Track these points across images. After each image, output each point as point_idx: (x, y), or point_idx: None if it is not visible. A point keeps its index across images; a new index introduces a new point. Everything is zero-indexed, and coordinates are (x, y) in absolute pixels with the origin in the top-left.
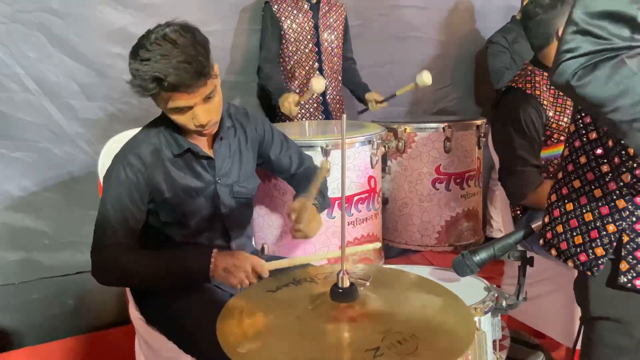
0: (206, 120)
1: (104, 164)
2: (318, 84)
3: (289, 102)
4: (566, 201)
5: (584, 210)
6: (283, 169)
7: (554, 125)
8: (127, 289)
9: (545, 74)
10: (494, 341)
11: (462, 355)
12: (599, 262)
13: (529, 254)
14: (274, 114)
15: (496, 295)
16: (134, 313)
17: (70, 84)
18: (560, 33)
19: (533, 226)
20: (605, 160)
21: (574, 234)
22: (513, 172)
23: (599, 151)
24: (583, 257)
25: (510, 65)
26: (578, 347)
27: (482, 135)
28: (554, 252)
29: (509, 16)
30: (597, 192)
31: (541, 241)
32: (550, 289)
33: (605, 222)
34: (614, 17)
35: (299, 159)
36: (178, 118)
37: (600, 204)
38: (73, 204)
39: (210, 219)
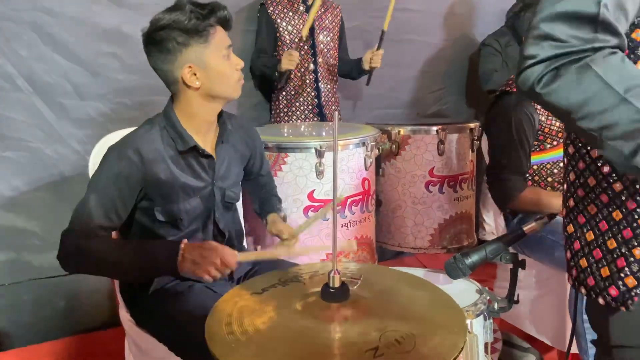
0: (242, 64)
1: (94, 163)
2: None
3: (286, 53)
4: (585, 230)
5: (606, 237)
6: (247, 173)
7: (546, 130)
8: (118, 291)
9: None
10: (486, 344)
11: (459, 349)
12: (632, 294)
13: (520, 257)
14: (270, 114)
15: (488, 298)
16: (124, 315)
17: (62, 83)
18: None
19: (525, 229)
20: (615, 178)
21: (599, 265)
22: (497, 179)
23: (605, 169)
24: (613, 291)
25: (502, 67)
26: (572, 350)
27: (476, 138)
28: (583, 290)
29: (504, 20)
30: (616, 215)
31: (569, 280)
32: (542, 292)
33: (630, 246)
34: (573, 17)
35: (261, 163)
36: (227, 67)
37: (621, 227)
38: (64, 204)
39: (204, 221)
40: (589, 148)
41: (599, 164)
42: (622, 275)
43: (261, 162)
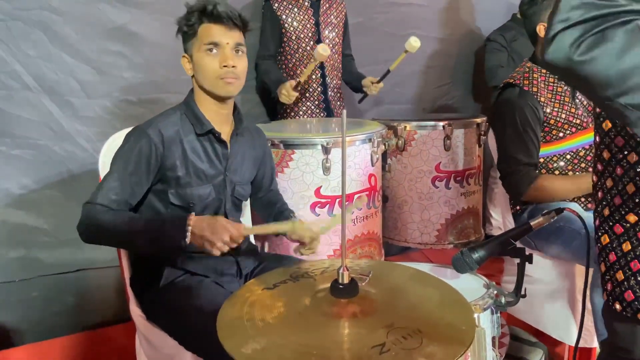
0: (232, 63)
1: (104, 162)
2: (325, 50)
3: (286, 89)
4: (621, 240)
5: None
6: (258, 187)
7: (551, 122)
8: (128, 285)
9: (544, 71)
10: (493, 338)
11: (466, 347)
12: None
13: (528, 251)
14: (275, 110)
15: (495, 292)
16: (135, 310)
17: (69, 81)
18: (540, 31)
19: (532, 223)
20: None
21: (639, 278)
22: (508, 172)
23: None
24: None
25: (508, 63)
26: (580, 344)
27: (482, 133)
28: (618, 306)
29: (510, 14)
30: None
31: (604, 295)
32: (550, 287)
33: None
34: None
35: (271, 178)
36: (208, 60)
37: None
38: (73, 202)
39: (215, 211)
40: (627, 150)
41: (639, 170)
42: None
43: (271, 177)
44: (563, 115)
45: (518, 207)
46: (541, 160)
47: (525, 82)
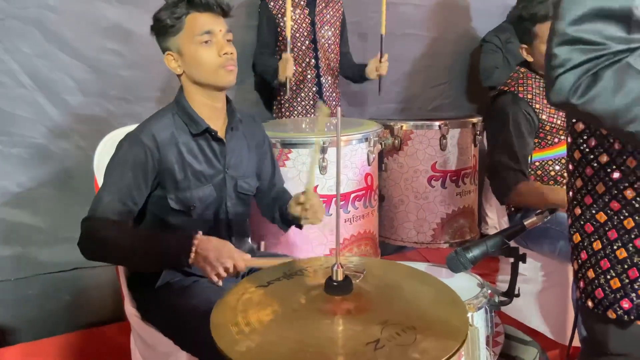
0: (230, 50)
1: (99, 161)
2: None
3: (283, 60)
4: (592, 239)
5: (615, 247)
6: (258, 178)
7: (547, 128)
8: (124, 285)
9: (538, 76)
10: (487, 337)
11: (460, 343)
12: None
13: (521, 251)
14: (272, 109)
15: (489, 291)
16: (130, 309)
17: (65, 79)
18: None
19: (525, 223)
20: (626, 184)
21: (608, 276)
22: (494, 175)
23: (615, 175)
24: (626, 304)
25: (503, 64)
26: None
27: (478, 132)
28: (590, 303)
29: (505, 15)
30: (628, 223)
31: (577, 293)
32: (545, 286)
33: None
34: (604, 16)
35: (273, 169)
36: (205, 51)
37: (633, 236)
38: (69, 200)
39: (215, 210)
40: (599, 151)
41: (608, 170)
42: (636, 286)
43: (273, 167)
44: (559, 122)
45: (513, 208)
46: (537, 164)
47: (520, 88)
